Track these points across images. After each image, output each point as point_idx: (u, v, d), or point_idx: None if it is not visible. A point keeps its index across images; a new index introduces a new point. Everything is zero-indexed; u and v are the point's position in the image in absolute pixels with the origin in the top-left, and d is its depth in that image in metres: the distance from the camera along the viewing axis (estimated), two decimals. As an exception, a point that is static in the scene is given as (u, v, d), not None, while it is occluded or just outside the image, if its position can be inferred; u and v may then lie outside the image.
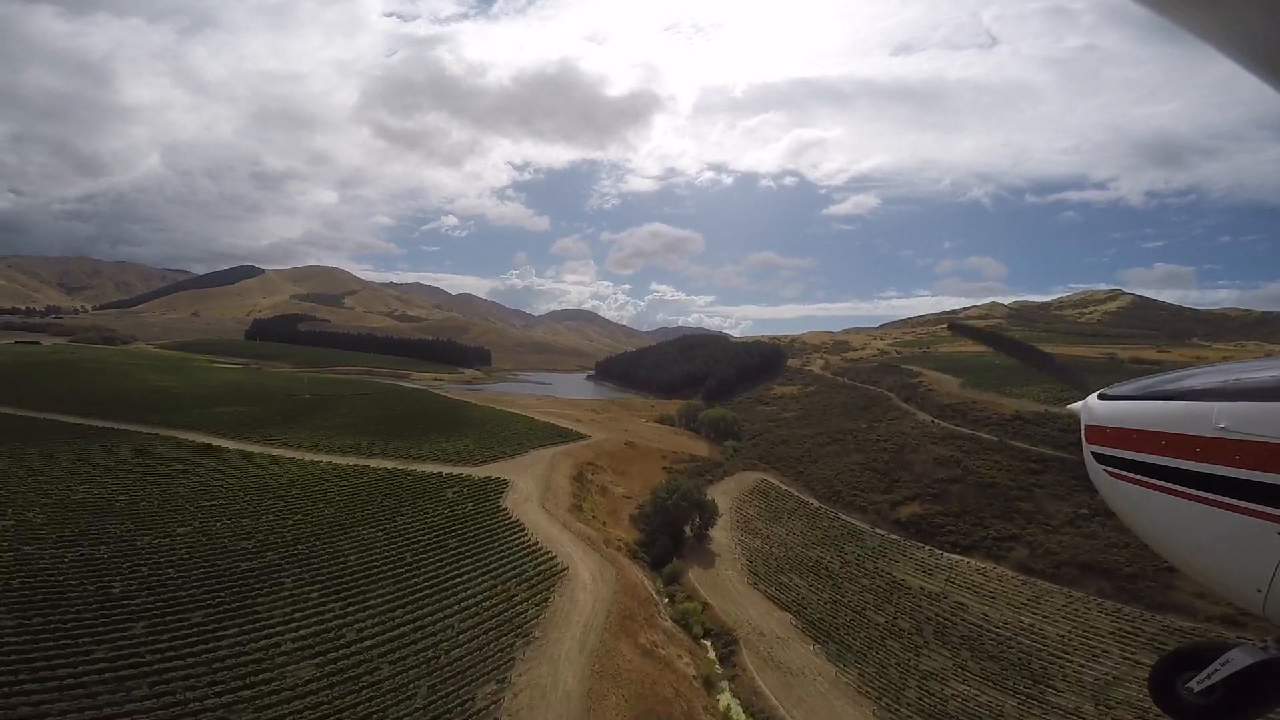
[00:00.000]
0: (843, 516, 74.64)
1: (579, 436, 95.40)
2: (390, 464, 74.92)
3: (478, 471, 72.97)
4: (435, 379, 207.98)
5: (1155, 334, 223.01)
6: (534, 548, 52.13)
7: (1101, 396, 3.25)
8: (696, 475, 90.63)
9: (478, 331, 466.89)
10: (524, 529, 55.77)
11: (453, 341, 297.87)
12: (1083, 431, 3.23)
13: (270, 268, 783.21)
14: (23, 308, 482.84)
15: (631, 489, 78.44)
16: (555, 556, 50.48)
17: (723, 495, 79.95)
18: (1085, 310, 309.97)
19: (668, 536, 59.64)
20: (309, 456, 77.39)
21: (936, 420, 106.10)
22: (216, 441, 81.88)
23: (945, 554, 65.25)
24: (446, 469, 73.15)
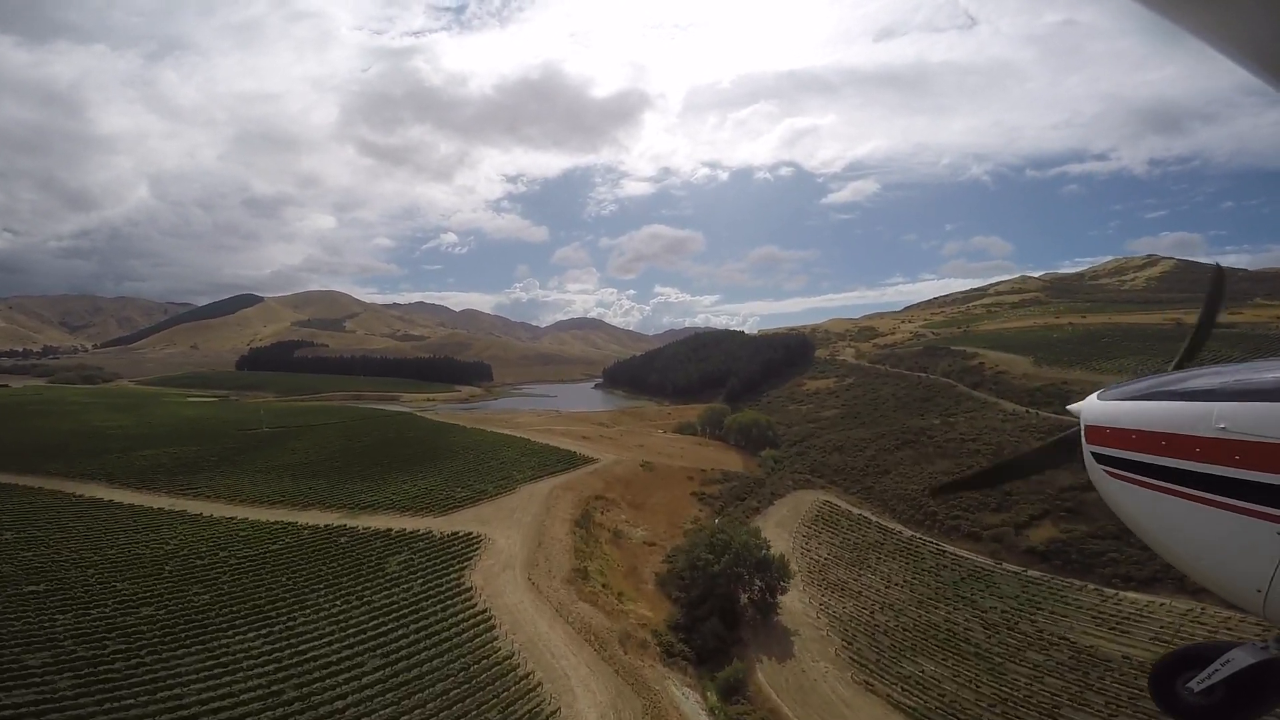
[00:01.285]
0: (950, 549, 54.00)
1: (584, 461, 75.47)
2: (329, 517, 55.63)
3: (444, 523, 53.27)
4: (428, 399, 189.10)
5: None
6: (507, 665, 32.14)
7: (1101, 397, 3.18)
8: (735, 500, 70.35)
9: (480, 347, 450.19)
10: (494, 627, 35.84)
11: (450, 359, 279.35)
12: (1082, 432, 3.14)
13: (270, 295, 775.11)
14: (20, 349, 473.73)
15: (655, 529, 58.32)
16: (540, 684, 30.42)
17: (776, 528, 59.60)
18: (1125, 278, 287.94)
19: (716, 614, 39.37)
20: (223, 511, 58.57)
21: (1030, 409, 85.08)
22: (114, 495, 64.14)
23: (1120, 592, 44.74)
24: (402, 522, 53.55)
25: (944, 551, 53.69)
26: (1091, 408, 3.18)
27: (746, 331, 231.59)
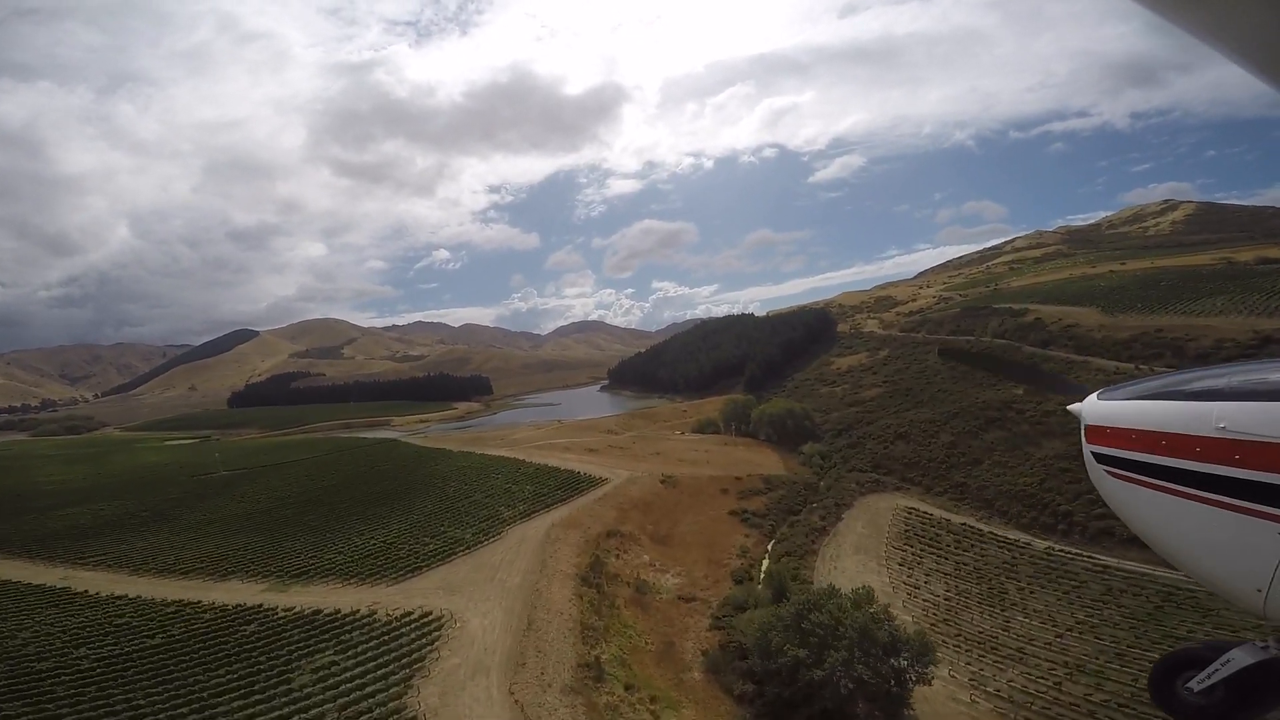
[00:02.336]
0: (1109, 561, 38.23)
1: (591, 483, 60.06)
2: (248, 591, 40.70)
3: (399, 594, 38.05)
4: (420, 421, 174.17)
5: (1247, 234, 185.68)
6: None
7: (1102, 396, 3.19)
8: (788, 514, 54.82)
9: (480, 360, 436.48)
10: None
11: (446, 375, 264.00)
12: (1083, 431, 3.14)
13: (266, 329, 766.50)
14: (19, 404, 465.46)
15: (691, 572, 42.85)
16: None
17: (858, 555, 44.04)
18: (1146, 225, 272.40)
19: (817, 732, 23.72)
20: (121, 585, 44.92)
21: (1140, 364, 69.12)
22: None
23: None
24: (342, 596, 38.41)
25: (1105, 567, 37.92)
26: (1092, 407, 3.13)
27: (757, 314, 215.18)
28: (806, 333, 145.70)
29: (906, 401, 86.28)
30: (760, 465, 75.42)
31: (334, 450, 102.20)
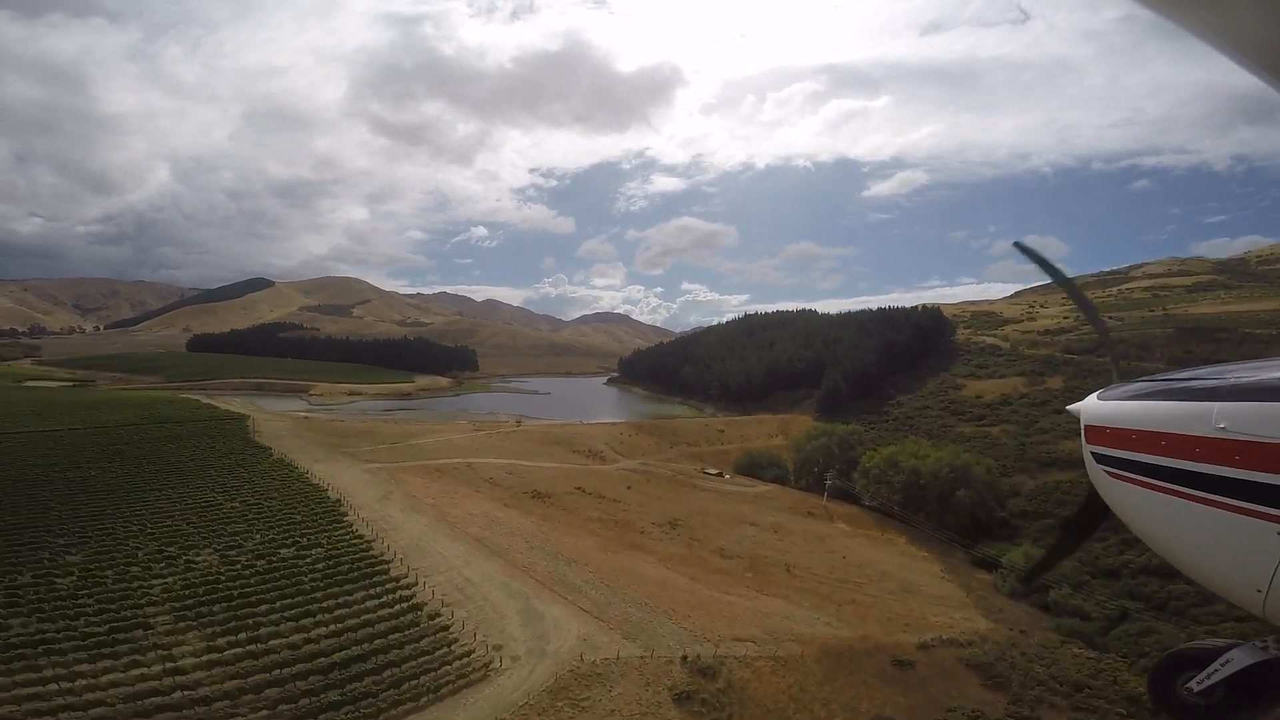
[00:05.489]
0: None
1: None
2: None
3: None
4: (350, 393, 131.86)
5: None
6: None
7: (1101, 396, 3.22)
8: None
9: (486, 334, 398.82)
10: None
11: (426, 342, 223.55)
12: (1082, 432, 3.17)
13: (284, 281, 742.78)
14: (6, 329, 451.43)
15: None
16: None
17: None
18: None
19: None
20: None
21: None
22: None
23: None
24: None
25: None
26: (1092, 407, 3.15)
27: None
28: (916, 336, 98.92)
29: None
30: (919, 590, 30.27)
31: (131, 423, 60.07)
